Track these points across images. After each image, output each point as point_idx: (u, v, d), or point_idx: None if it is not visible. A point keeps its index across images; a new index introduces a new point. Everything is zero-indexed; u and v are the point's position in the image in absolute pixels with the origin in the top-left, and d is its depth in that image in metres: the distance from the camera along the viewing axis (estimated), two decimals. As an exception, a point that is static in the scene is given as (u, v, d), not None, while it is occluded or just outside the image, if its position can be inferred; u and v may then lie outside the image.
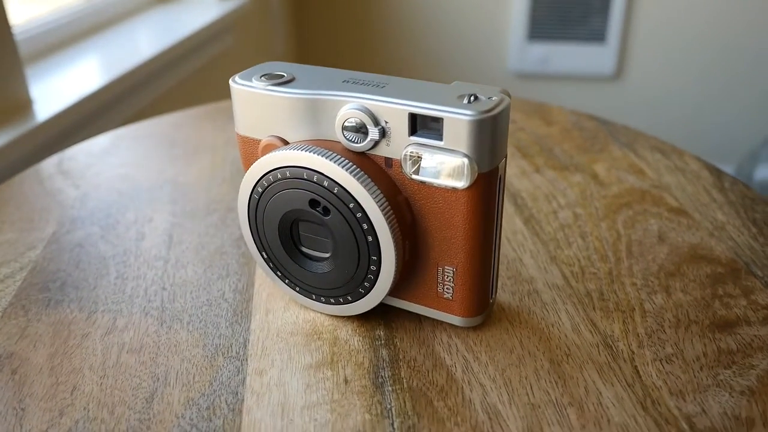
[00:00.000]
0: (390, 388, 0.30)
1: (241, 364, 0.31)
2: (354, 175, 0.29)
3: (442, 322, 0.34)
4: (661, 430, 0.27)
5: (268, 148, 0.32)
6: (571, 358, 0.31)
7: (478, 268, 0.31)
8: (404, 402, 0.29)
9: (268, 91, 0.31)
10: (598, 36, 1.78)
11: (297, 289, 0.34)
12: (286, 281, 0.34)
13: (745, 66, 1.72)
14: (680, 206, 0.44)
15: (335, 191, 0.30)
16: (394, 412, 0.28)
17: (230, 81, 0.33)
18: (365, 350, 0.32)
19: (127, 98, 0.91)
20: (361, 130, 0.30)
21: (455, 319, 0.33)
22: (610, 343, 0.32)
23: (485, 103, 0.28)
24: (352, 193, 0.29)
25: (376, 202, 0.29)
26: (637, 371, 0.30)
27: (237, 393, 0.29)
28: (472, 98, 0.28)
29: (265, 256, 0.34)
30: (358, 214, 0.30)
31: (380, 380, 0.30)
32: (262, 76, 0.32)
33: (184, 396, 0.29)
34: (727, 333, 0.33)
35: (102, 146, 0.54)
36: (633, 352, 0.32)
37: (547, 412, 0.28)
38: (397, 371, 0.31)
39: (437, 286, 0.32)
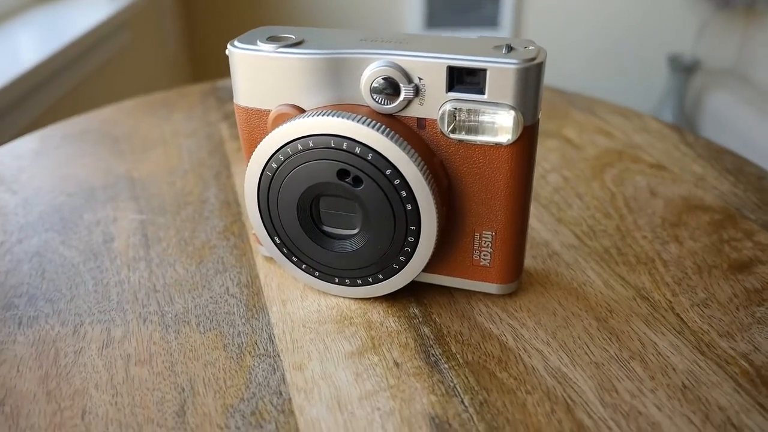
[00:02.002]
0: (446, 366, 0.27)
1: (275, 361, 0.28)
2: (391, 139, 0.27)
3: (475, 293, 0.32)
4: (726, 371, 0.27)
5: (281, 119, 0.29)
6: (615, 313, 0.31)
7: (519, 230, 0.30)
8: (466, 378, 0.27)
9: (279, 54, 0.28)
10: (491, 21, 1.83)
11: (317, 274, 0.31)
12: (303, 267, 0.31)
13: (633, 45, 1.83)
14: (658, 162, 0.45)
15: (369, 158, 0.27)
16: (459, 389, 0.26)
17: (229, 46, 0.29)
18: (405, 330, 0.29)
19: (13, 110, 0.80)
20: (392, 89, 0.27)
21: (492, 287, 0.31)
22: (645, 294, 0.32)
23: (525, 52, 0.26)
24: (390, 159, 0.27)
25: (417, 167, 0.27)
26: (681, 318, 0.30)
27: (281, 392, 0.26)
28: (508, 48, 0.27)
29: (278, 242, 0.31)
30: (396, 181, 0.27)
31: (433, 359, 0.28)
32: (267, 38, 0.29)
33: (221, 404, 0.26)
34: (747, 273, 0.33)
35: (29, 147, 0.48)
36: (670, 301, 0.31)
37: (612, 368, 0.27)
38: (447, 347, 0.28)
39: (473, 254, 0.30)
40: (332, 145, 0.27)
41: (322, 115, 0.27)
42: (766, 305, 0.31)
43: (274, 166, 0.29)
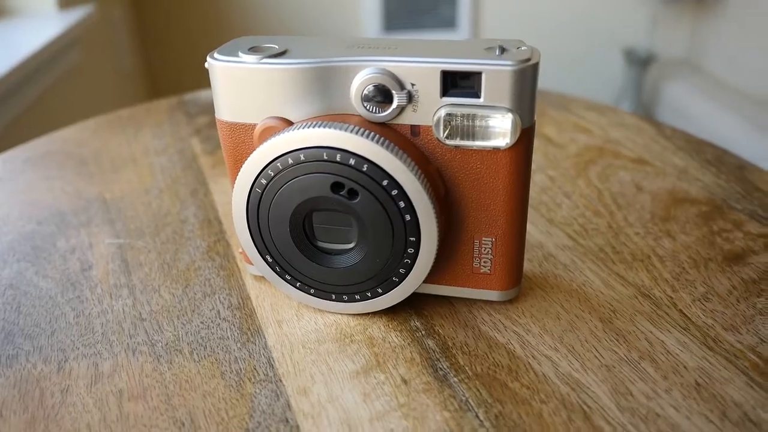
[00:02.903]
0: (456, 379, 0.27)
1: (277, 386, 0.26)
2: (387, 148, 0.26)
3: (475, 301, 0.31)
4: (736, 366, 0.27)
5: (268, 132, 0.28)
6: (618, 313, 0.30)
7: (518, 235, 0.29)
8: (478, 390, 0.26)
9: (263, 65, 0.27)
10: (448, 23, 1.84)
11: (312, 291, 0.30)
12: (298, 285, 0.30)
13: (590, 41, 1.86)
14: (639, 156, 0.45)
15: (364, 169, 0.26)
16: (472, 403, 0.25)
17: (208, 59, 0.28)
18: (409, 345, 0.28)
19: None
20: (384, 96, 0.26)
21: (493, 294, 0.30)
22: (646, 292, 0.31)
23: (518, 53, 0.26)
24: (386, 169, 0.26)
25: (415, 176, 0.26)
26: (685, 314, 0.30)
27: (287, 420, 0.25)
28: (501, 50, 0.26)
29: (270, 260, 0.29)
30: (393, 192, 0.26)
31: (441, 373, 0.27)
32: (249, 49, 0.27)
33: (224, 436, 0.24)
34: (742, 264, 0.33)
35: (-10, 173, 0.45)
36: (671, 297, 0.31)
37: (624, 370, 0.27)
38: (454, 360, 0.28)
39: (473, 262, 0.30)
40: (325, 157, 0.26)
41: (313, 127, 0.26)
42: (766, 295, 0.31)
43: (264, 182, 0.27)
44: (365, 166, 0.26)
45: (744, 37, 1.58)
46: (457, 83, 0.26)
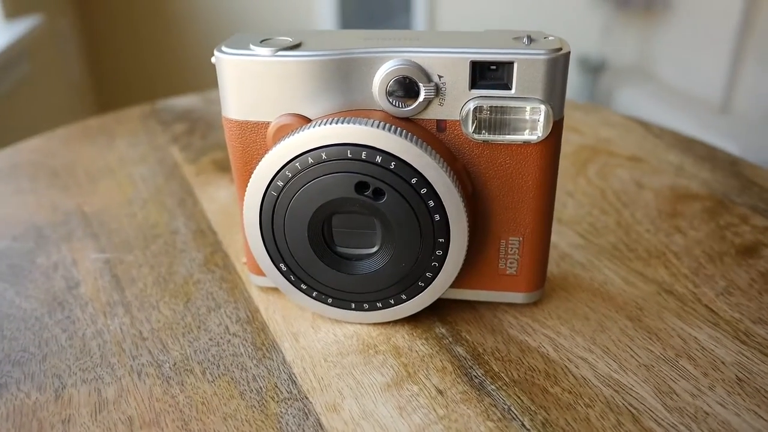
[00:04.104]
0: (493, 387, 0.25)
1: (304, 404, 0.24)
2: (416, 145, 0.24)
3: (498, 304, 0.30)
4: (773, 359, 0.26)
5: (284, 131, 0.26)
6: (645, 311, 0.29)
7: (546, 233, 0.28)
8: (519, 397, 0.25)
9: (278, 58, 0.25)
10: (403, 29, 1.84)
11: (330, 301, 0.28)
12: (314, 294, 0.28)
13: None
14: (633, 154, 0.45)
15: (392, 167, 0.24)
16: (516, 411, 0.24)
17: (216, 53, 0.26)
18: (437, 353, 0.27)
19: None
20: (410, 89, 0.25)
21: (518, 297, 0.29)
22: (668, 288, 0.31)
23: (547, 42, 0.25)
24: (416, 167, 0.24)
25: (446, 174, 0.24)
26: (711, 309, 0.29)
27: (320, 439, 0.23)
28: (529, 39, 0.25)
29: (285, 269, 0.27)
30: (423, 190, 0.25)
31: (477, 381, 0.25)
32: (262, 41, 0.25)
33: (254, 462, 0.22)
34: (757, 257, 0.33)
35: (-49, 188, 0.42)
36: (694, 293, 0.30)
37: (663, 369, 0.26)
38: (488, 367, 0.26)
39: (498, 263, 0.28)
40: (349, 155, 0.24)
41: (335, 123, 0.24)
42: (785, 287, 0.31)
43: (280, 184, 0.25)
44: (393, 163, 0.24)
45: (692, 43, 1.63)
46: (485, 74, 0.25)
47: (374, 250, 0.27)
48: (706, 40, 1.59)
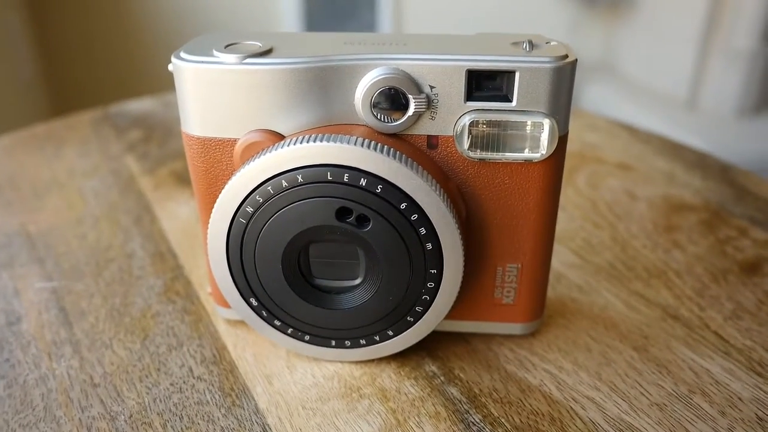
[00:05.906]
0: (494, 436, 0.22)
1: (280, 463, 0.21)
2: (406, 165, 0.21)
3: (493, 336, 0.27)
4: (792, 393, 0.24)
5: (253, 149, 0.22)
6: (651, 339, 0.27)
7: (546, 259, 0.25)
8: (523, 448, 0.22)
9: (246, 66, 0.22)
10: (369, 27, 1.81)
11: (307, 338, 0.25)
12: (289, 331, 0.25)
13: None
14: (621, 162, 0.43)
15: (378, 191, 0.21)
16: (521, 465, 0.21)
17: (173, 59, 0.22)
18: (428, 396, 0.24)
19: None
20: (397, 102, 0.22)
21: (515, 328, 0.26)
22: (673, 313, 0.29)
23: (551, 48, 0.22)
24: (405, 190, 0.21)
25: (439, 197, 0.22)
26: (720, 336, 0.27)
27: (301, 508, 0.20)
28: (530, 45, 0.22)
29: (255, 304, 0.24)
30: (413, 217, 0.22)
31: (475, 428, 0.23)
32: (227, 46, 0.22)
33: None
34: (761, 275, 0.31)
35: None
36: (700, 317, 0.28)
37: (677, 408, 0.23)
38: (486, 411, 0.23)
39: (494, 291, 0.26)
40: (329, 178, 0.21)
41: (312, 141, 0.21)
42: (795, 309, 0.29)
43: (250, 210, 0.22)
44: (379, 186, 0.21)
45: (658, 39, 1.64)
46: (482, 85, 0.22)
47: (357, 282, 0.24)
48: (672, 36, 1.59)
